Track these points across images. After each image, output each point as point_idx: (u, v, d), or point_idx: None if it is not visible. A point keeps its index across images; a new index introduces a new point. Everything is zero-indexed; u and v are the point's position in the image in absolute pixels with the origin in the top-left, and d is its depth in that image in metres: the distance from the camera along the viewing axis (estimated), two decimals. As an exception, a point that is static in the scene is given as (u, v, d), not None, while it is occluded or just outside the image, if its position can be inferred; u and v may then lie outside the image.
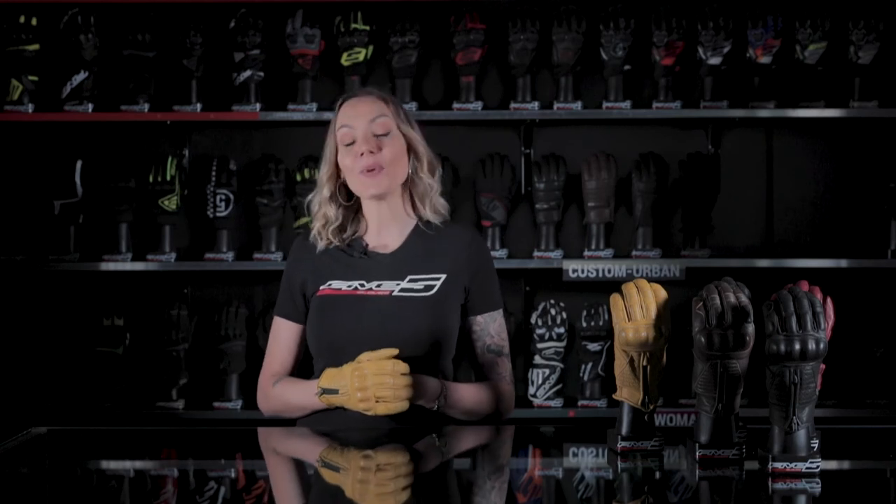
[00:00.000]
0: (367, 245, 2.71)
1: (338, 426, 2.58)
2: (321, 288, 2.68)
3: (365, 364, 2.48)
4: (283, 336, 2.74)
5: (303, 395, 2.62)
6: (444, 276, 2.67)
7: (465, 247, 2.72)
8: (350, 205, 2.73)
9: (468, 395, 2.65)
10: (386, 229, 2.72)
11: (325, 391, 2.54)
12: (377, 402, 2.47)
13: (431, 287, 2.66)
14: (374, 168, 2.63)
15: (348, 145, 2.67)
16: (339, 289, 2.66)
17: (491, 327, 2.72)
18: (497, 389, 2.70)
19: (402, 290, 2.65)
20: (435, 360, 2.64)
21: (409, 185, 2.73)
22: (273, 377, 2.72)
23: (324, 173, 2.72)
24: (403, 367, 2.48)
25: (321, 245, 2.71)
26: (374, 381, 2.46)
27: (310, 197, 2.76)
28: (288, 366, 2.74)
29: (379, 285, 2.65)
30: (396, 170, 2.67)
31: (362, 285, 2.66)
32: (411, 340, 2.59)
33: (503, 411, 2.72)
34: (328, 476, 2.24)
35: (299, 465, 2.42)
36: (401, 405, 2.48)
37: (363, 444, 2.45)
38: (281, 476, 2.30)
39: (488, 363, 2.72)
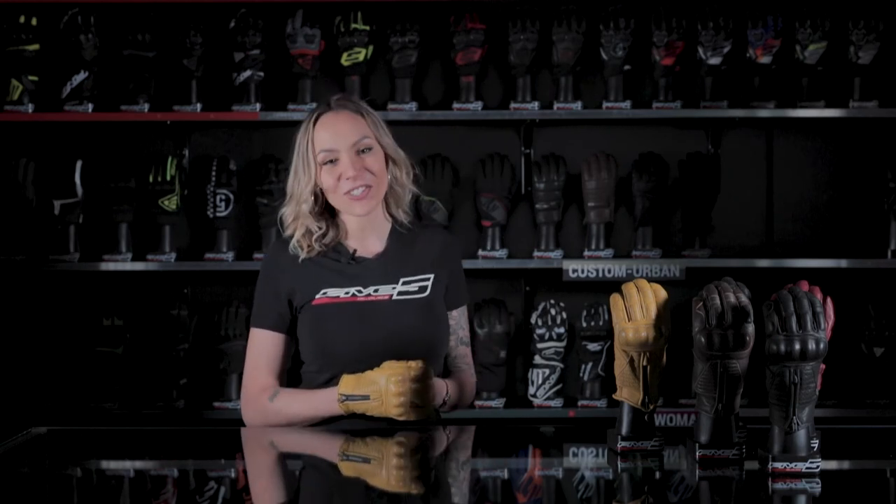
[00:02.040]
0: (353, 251, 2.70)
1: (342, 428, 2.58)
2: (316, 297, 2.65)
3: (403, 370, 2.47)
4: (269, 347, 2.69)
5: (311, 405, 2.58)
6: (432, 276, 2.71)
7: (442, 246, 2.77)
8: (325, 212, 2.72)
9: (454, 388, 2.71)
10: (367, 234, 2.72)
11: (348, 397, 2.51)
12: (412, 407, 2.47)
13: (425, 288, 2.69)
14: (361, 189, 2.62)
15: (327, 163, 2.65)
16: (337, 296, 2.65)
17: (462, 320, 2.79)
18: (469, 379, 2.78)
19: (400, 293, 2.67)
20: (435, 359, 2.67)
21: (387, 191, 2.72)
22: (264, 391, 2.65)
23: (303, 188, 2.66)
24: (431, 372, 2.51)
25: (303, 254, 2.67)
26: (414, 386, 2.46)
27: (282, 210, 2.72)
28: (278, 377, 2.69)
29: (376, 290, 2.66)
30: (381, 186, 2.67)
31: (360, 291, 2.66)
32: (415, 342, 2.62)
33: (472, 399, 2.81)
34: (352, 470, 2.26)
35: (295, 464, 2.42)
36: (429, 410, 2.52)
37: (378, 439, 2.47)
38: (278, 475, 2.30)
39: (461, 355, 2.78)
